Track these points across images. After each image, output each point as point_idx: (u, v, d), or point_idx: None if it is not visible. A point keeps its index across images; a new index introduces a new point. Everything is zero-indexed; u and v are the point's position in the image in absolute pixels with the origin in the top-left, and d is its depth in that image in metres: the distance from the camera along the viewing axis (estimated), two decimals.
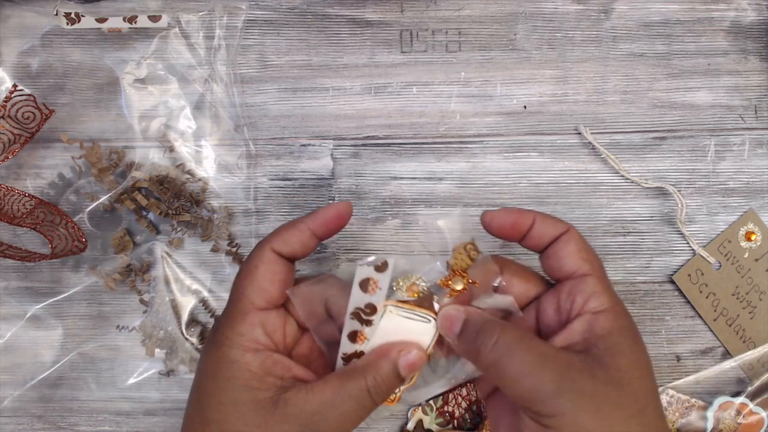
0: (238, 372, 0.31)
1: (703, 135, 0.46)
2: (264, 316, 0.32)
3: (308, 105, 0.46)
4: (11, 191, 0.43)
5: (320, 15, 0.46)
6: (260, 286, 0.32)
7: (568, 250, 0.33)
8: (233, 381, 0.31)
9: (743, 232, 0.45)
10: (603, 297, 0.32)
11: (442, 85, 0.46)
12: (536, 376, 0.28)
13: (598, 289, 0.32)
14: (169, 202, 0.45)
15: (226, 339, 0.32)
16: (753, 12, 0.46)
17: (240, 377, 0.31)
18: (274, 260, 0.33)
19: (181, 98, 0.46)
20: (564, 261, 0.33)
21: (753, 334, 0.45)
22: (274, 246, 0.33)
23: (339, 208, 0.34)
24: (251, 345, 0.32)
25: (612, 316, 0.31)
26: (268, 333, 0.32)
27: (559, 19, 0.46)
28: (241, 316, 0.32)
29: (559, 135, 0.46)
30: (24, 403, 0.46)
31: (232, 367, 0.31)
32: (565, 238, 0.33)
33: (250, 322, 0.32)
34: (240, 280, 0.33)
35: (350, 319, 0.32)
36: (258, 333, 0.32)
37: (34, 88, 0.45)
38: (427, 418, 0.45)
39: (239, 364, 0.31)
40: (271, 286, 0.32)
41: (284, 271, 0.33)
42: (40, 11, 0.46)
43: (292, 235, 0.33)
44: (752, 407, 0.44)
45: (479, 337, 0.30)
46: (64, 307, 0.46)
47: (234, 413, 0.31)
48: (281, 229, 0.33)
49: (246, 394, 0.31)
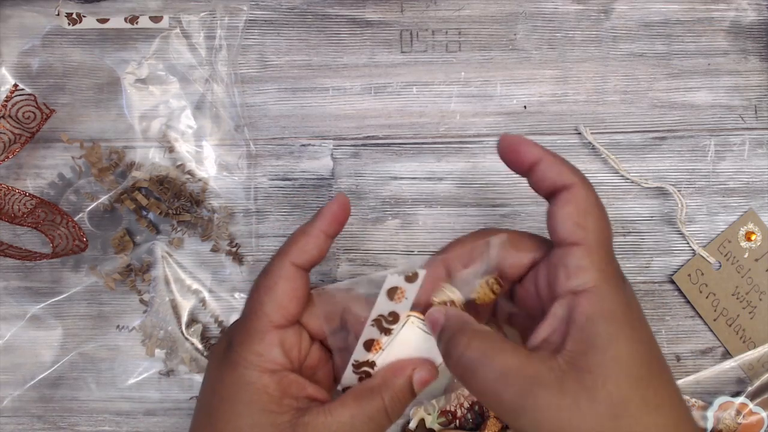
0: (256, 396, 0.30)
1: (703, 135, 0.46)
2: (282, 334, 0.31)
3: (308, 105, 0.46)
4: (12, 191, 0.43)
5: (320, 15, 0.46)
6: (280, 303, 0.31)
7: (564, 212, 0.29)
8: (251, 405, 0.30)
9: (743, 232, 0.45)
10: (586, 273, 0.28)
11: (442, 85, 0.46)
12: (497, 395, 0.27)
13: (584, 262, 0.28)
14: (169, 202, 0.45)
15: (243, 360, 0.31)
16: (753, 12, 0.46)
17: (258, 401, 0.30)
18: (294, 275, 0.32)
19: (181, 98, 0.46)
20: (558, 224, 0.29)
21: (753, 334, 0.45)
22: (293, 259, 0.32)
23: (341, 200, 0.33)
24: (269, 366, 0.30)
25: (593, 297, 0.27)
26: (285, 352, 0.31)
27: (559, 19, 0.46)
28: (259, 335, 0.31)
29: (559, 135, 0.46)
30: (24, 403, 0.46)
31: (249, 390, 0.30)
32: (566, 197, 0.29)
33: (269, 342, 0.31)
34: (258, 296, 0.32)
35: (370, 326, 0.32)
36: (276, 353, 0.31)
37: (35, 88, 0.45)
38: (429, 417, 0.45)
39: (257, 386, 0.30)
40: (290, 303, 0.31)
41: (303, 286, 0.32)
42: (41, 11, 0.46)
43: (308, 243, 0.32)
44: (752, 407, 0.44)
45: (447, 349, 0.29)
46: (64, 307, 0.46)
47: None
48: (296, 239, 0.32)
49: (265, 418, 0.30)
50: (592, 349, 0.26)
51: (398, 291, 0.31)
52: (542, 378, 0.26)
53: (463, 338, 0.29)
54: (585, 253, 0.28)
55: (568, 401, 0.26)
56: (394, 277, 0.31)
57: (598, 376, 0.26)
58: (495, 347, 0.28)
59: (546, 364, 0.27)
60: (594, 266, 0.28)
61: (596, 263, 0.28)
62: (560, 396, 0.26)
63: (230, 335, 0.32)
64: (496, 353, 0.28)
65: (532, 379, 0.27)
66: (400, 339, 0.32)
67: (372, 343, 0.32)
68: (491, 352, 0.28)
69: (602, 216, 0.30)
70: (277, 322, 0.31)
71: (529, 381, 0.26)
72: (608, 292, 0.28)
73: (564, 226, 0.29)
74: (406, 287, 0.31)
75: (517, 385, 0.27)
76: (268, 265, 0.32)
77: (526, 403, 0.26)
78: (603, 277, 0.28)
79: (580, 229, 0.28)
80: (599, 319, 0.27)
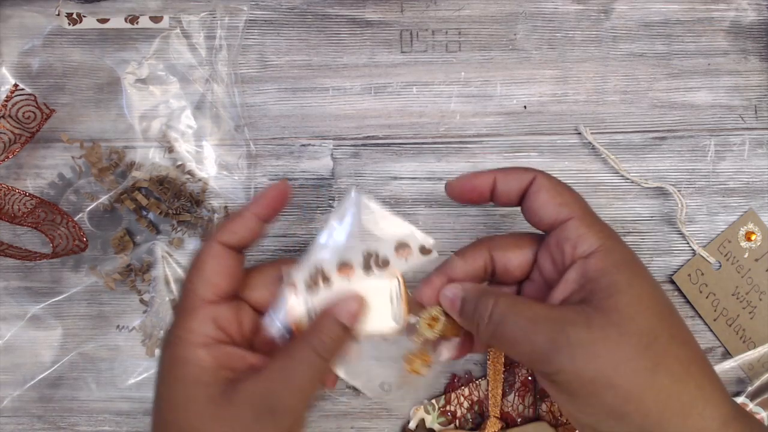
0: (190, 369, 0.31)
1: (703, 135, 0.46)
2: (215, 309, 0.32)
3: (308, 105, 0.46)
4: (12, 191, 0.43)
5: (320, 15, 0.46)
6: (209, 280, 0.32)
7: (541, 200, 0.32)
8: (185, 379, 0.31)
9: (743, 232, 0.45)
10: (590, 238, 0.30)
11: (442, 85, 0.46)
12: (530, 339, 0.28)
13: (582, 231, 0.31)
14: (169, 202, 0.45)
15: (176, 337, 0.32)
16: (753, 12, 0.46)
17: (191, 373, 0.31)
18: (222, 253, 0.33)
19: (181, 98, 0.46)
20: (540, 213, 0.32)
21: (753, 334, 0.45)
22: (221, 238, 0.33)
23: (280, 187, 0.34)
24: (202, 340, 0.31)
25: (602, 254, 0.30)
26: (220, 326, 0.32)
27: (559, 19, 0.46)
28: (190, 312, 0.32)
29: (559, 135, 0.46)
30: (24, 403, 0.46)
31: (182, 364, 0.31)
32: (534, 189, 0.32)
33: (201, 318, 0.32)
34: (189, 276, 0.33)
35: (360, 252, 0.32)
36: (208, 327, 0.32)
37: (35, 88, 0.45)
38: (429, 417, 0.45)
39: (190, 360, 0.31)
40: (221, 279, 0.32)
41: (233, 264, 0.33)
42: (41, 11, 0.46)
43: (238, 223, 0.33)
44: (752, 407, 0.44)
45: (476, 313, 0.31)
46: (64, 307, 0.46)
47: (188, 411, 0.31)
48: (226, 221, 0.34)
49: (198, 390, 0.31)
50: (614, 292, 0.29)
51: (407, 249, 0.32)
52: (571, 319, 0.29)
53: (489, 298, 0.30)
54: (580, 223, 0.31)
55: (598, 334, 0.28)
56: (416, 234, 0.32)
57: (625, 313, 0.28)
58: (519, 301, 0.30)
59: (571, 309, 0.29)
60: (592, 230, 0.31)
61: (593, 227, 0.31)
62: (590, 331, 0.28)
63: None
64: (523, 305, 0.30)
65: (561, 320, 0.29)
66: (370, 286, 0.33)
67: (347, 267, 0.33)
68: (518, 305, 0.30)
69: (572, 190, 0.32)
70: (207, 298, 0.32)
71: (558, 322, 0.28)
72: (614, 247, 0.30)
73: (547, 211, 0.32)
74: (415, 253, 0.32)
75: (547, 328, 0.28)
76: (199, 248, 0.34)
77: (559, 343, 0.28)
78: (604, 235, 0.31)
79: (563, 207, 0.31)
80: (614, 268, 0.30)
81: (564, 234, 0.31)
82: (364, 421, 0.46)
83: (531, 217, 0.33)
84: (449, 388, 0.45)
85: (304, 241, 0.46)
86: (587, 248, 0.30)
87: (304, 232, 0.46)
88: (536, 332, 0.28)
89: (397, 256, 0.32)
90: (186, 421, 0.31)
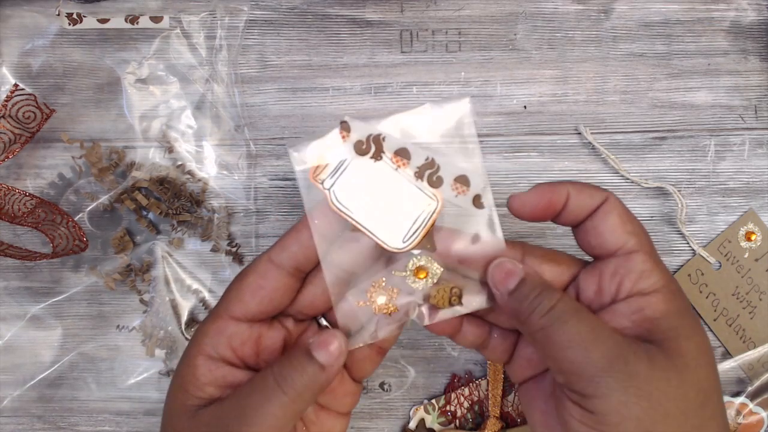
0: (185, 372, 0.30)
1: (703, 135, 0.46)
2: (235, 327, 0.30)
3: (308, 105, 0.46)
4: (12, 191, 0.43)
5: (320, 15, 0.46)
6: (241, 298, 0.30)
7: (610, 224, 0.29)
8: (177, 379, 0.30)
9: (743, 232, 0.45)
10: (654, 276, 0.28)
11: (442, 85, 0.46)
12: (587, 348, 0.26)
13: (648, 266, 0.29)
14: (169, 202, 0.45)
15: (194, 337, 0.31)
16: (753, 12, 0.46)
17: (183, 377, 0.30)
18: (266, 272, 0.30)
19: (182, 98, 0.46)
20: (606, 236, 0.29)
21: (753, 334, 0.45)
22: (271, 255, 0.30)
23: None
24: (207, 350, 0.30)
25: (667, 296, 0.28)
26: (232, 347, 0.30)
27: (559, 19, 0.46)
28: (213, 319, 0.31)
29: (559, 135, 0.46)
30: (24, 403, 0.46)
31: (183, 366, 0.30)
32: (604, 209, 0.30)
33: (217, 330, 0.30)
34: (230, 284, 0.31)
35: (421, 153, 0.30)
36: (220, 342, 0.30)
37: (35, 88, 0.45)
38: (429, 417, 0.45)
39: (189, 364, 0.30)
40: (253, 300, 0.30)
41: (279, 287, 0.30)
42: (41, 11, 0.46)
43: (291, 238, 0.30)
44: (752, 407, 0.44)
45: (535, 300, 0.28)
46: (64, 307, 0.46)
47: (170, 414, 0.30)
48: (283, 236, 0.31)
49: (180, 398, 0.30)
50: (679, 337, 0.27)
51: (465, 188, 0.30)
52: (634, 347, 0.26)
53: (555, 293, 0.28)
54: (646, 257, 0.29)
55: (659, 374, 0.26)
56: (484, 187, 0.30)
57: (689, 361, 0.26)
58: (584, 308, 0.28)
59: (633, 339, 0.27)
60: (657, 269, 0.29)
61: (658, 266, 0.29)
62: (651, 368, 0.26)
63: None
64: (588, 314, 0.28)
65: (624, 344, 0.26)
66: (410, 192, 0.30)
67: (404, 156, 0.30)
68: (582, 311, 0.28)
69: (639, 222, 0.30)
70: (232, 313, 0.30)
71: (620, 344, 0.26)
72: (675, 292, 0.29)
73: (615, 237, 0.29)
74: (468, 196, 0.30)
75: (608, 345, 0.26)
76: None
77: (617, 365, 0.26)
78: (667, 278, 0.29)
79: (633, 237, 0.29)
80: (675, 314, 0.28)
81: (627, 265, 0.29)
82: (364, 421, 0.46)
83: (591, 239, 0.30)
84: (449, 388, 0.45)
85: None
86: (650, 286, 0.28)
87: None
88: (595, 345, 0.26)
89: (452, 187, 0.30)
90: (165, 420, 0.31)
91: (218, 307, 0.31)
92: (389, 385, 0.46)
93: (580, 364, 0.26)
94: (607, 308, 0.29)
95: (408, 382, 0.46)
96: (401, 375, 0.46)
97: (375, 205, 0.30)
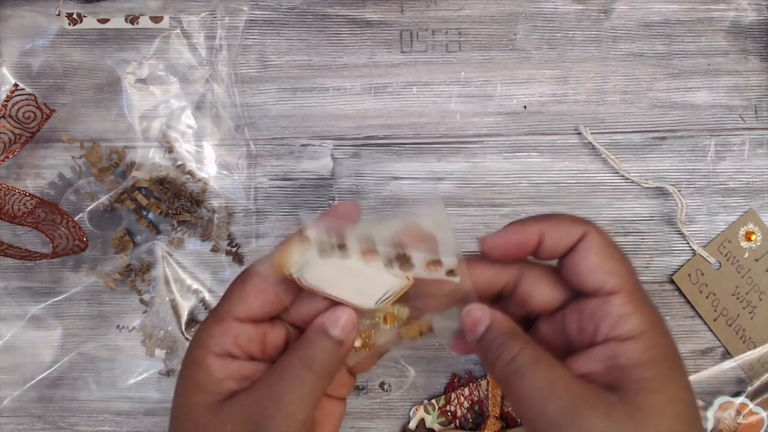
0: (198, 372, 0.30)
1: (703, 135, 0.46)
2: (239, 327, 0.31)
3: (308, 105, 0.46)
4: (12, 191, 0.43)
5: (320, 15, 0.46)
6: (245, 300, 0.31)
7: (588, 262, 0.28)
8: (192, 380, 0.30)
9: (743, 232, 0.45)
10: (633, 320, 0.27)
11: (442, 85, 0.46)
12: (542, 402, 0.26)
13: (627, 310, 0.28)
14: (169, 202, 0.45)
15: (196, 339, 0.31)
16: (753, 12, 0.46)
17: (197, 377, 0.30)
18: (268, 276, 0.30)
19: (182, 98, 0.46)
20: (584, 276, 0.29)
21: (753, 334, 0.45)
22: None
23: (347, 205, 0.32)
24: (216, 349, 0.30)
25: (643, 344, 0.27)
26: (239, 344, 0.31)
27: (559, 19, 0.46)
28: (217, 320, 0.31)
29: (559, 135, 0.46)
30: (24, 403, 0.46)
31: (194, 366, 0.31)
32: (583, 246, 0.29)
33: (222, 330, 0.30)
34: (232, 284, 0.32)
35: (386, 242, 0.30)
36: (227, 341, 0.30)
37: (35, 88, 0.45)
38: (429, 417, 0.45)
39: (201, 364, 0.30)
40: (256, 303, 0.30)
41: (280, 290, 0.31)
42: (41, 11, 0.46)
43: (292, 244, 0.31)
44: (752, 407, 0.44)
45: (498, 350, 0.28)
46: (64, 307, 0.46)
47: (186, 412, 0.30)
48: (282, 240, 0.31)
49: (198, 396, 0.30)
50: (645, 390, 0.26)
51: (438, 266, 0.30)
52: (591, 400, 0.26)
53: (517, 342, 0.28)
54: (625, 300, 0.28)
55: (615, 429, 0.25)
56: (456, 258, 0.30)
57: (650, 415, 0.26)
58: (546, 358, 0.28)
59: (595, 390, 0.27)
60: (637, 312, 0.28)
61: (639, 309, 0.28)
62: (608, 422, 0.25)
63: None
64: (547, 365, 0.27)
65: (582, 397, 0.26)
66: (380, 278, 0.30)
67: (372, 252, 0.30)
68: (543, 361, 0.28)
69: (623, 256, 0.29)
70: (236, 314, 0.31)
71: (578, 398, 0.26)
72: (655, 338, 0.28)
73: (593, 276, 0.28)
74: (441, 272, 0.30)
75: (565, 399, 0.26)
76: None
77: (572, 419, 0.26)
78: (648, 322, 0.28)
79: (612, 276, 0.28)
80: (650, 364, 0.27)
81: (604, 309, 0.28)
82: (364, 421, 0.46)
83: (571, 277, 0.29)
84: (449, 388, 0.45)
85: None
86: (626, 332, 0.27)
87: None
88: (550, 400, 0.26)
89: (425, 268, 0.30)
90: (183, 421, 0.31)
91: (220, 309, 0.31)
92: (389, 385, 0.46)
93: (537, 417, 0.26)
94: (585, 350, 0.29)
95: (408, 382, 0.46)
96: (401, 375, 0.46)
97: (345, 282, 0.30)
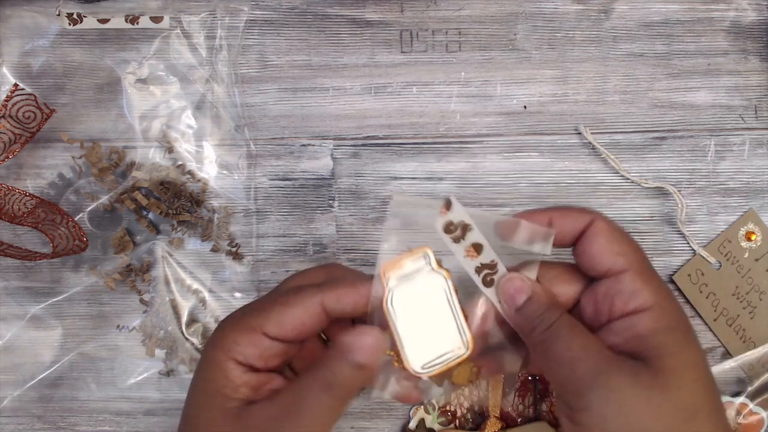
0: (218, 375, 0.30)
1: (703, 135, 0.46)
2: (269, 343, 0.31)
3: (308, 105, 0.46)
4: (12, 191, 0.43)
5: (320, 15, 0.46)
6: (281, 322, 0.31)
7: (597, 246, 0.30)
8: (211, 383, 0.30)
9: (743, 232, 0.45)
10: (644, 294, 0.29)
11: (442, 85, 0.46)
12: (575, 363, 0.28)
13: (638, 285, 0.29)
14: (169, 202, 0.45)
15: (218, 341, 0.31)
16: (753, 12, 0.46)
17: (216, 380, 0.30)
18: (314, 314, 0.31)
19: (182, 98, 0.46)
20: (595, 259, 0.30)
21: (753, 334, 0.45)
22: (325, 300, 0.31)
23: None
24: (237, 356, 0.30)
25: (656, 314, 0.29)
26: (264, 357, 0.31)
27: (559, 19, 0.46)
28: (245, 329, 0.31)
29: (559, 135, 0.46)
30: (24, 403, 0.46)
31: (213, 369, 0.31)
32: (591, 232, 0.31)
33: (251, 341, 0.31)
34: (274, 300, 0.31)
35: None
36: (253, 353, 0.30)
37: (35, 88, 0.45)
38: (429, 417, 0.45)
39: (220, 369, 0.30)
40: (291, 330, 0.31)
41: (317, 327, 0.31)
42: (41, 11, 0.46)
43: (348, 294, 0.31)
44: (752, 407, 0.44)
45: (539, 317, 0.30)
46: (64, 307, 0.46)
47: (203, 417, 0.30)
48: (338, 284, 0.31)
49: (217, 400, 0.30)
50: (664, 354, 0.28)
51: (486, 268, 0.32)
52: (619, 364, 0.28)
53: (556, 312, 0.30)
54: (635, 276, 0.30)
55: (640, 391, 0.27)
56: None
57: (672, 378, 0.27)
58: (581, 327, 0.30)
59: (621, 356, 0.28)
60: (648, 286, 0.30)
61: (649, 283, 0.30)
62: (634, 384, 0.27)
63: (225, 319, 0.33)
64: (581, 331, 0.29)
65: (611, 360, 0.28)
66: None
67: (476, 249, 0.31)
68: (576, 328, 0.29)
69: (630, 238, 0.31)
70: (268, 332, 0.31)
71: (606, 361, 0.28)
72: (666, 308, 0.29)
73: (603, 258, 0.30)
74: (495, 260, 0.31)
75: (595, 362, 0.28)
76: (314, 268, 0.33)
77: (599, 381, 0.27)
78: (659, 294, 0.30)
79: (621, 257, 0.30)
80: (665, 330, 0.29)
81: (617, 286, 0.30)
82: (364, 421, 0.46)
83: (583, 261, 0.31)
84: None
85: (304, 241, 0.46)
86: (639, 305, 0.29)
87: (304, 232, 0.46)
88: (582, 360, 0.28)
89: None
90: (199, 426, 0.31)
91: (251, 318, 0.31)
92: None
93: (568, 378, 0.28)
94: (604, 327, 0.30)
95: None
96: None
97: (417, 322, 0.31)
